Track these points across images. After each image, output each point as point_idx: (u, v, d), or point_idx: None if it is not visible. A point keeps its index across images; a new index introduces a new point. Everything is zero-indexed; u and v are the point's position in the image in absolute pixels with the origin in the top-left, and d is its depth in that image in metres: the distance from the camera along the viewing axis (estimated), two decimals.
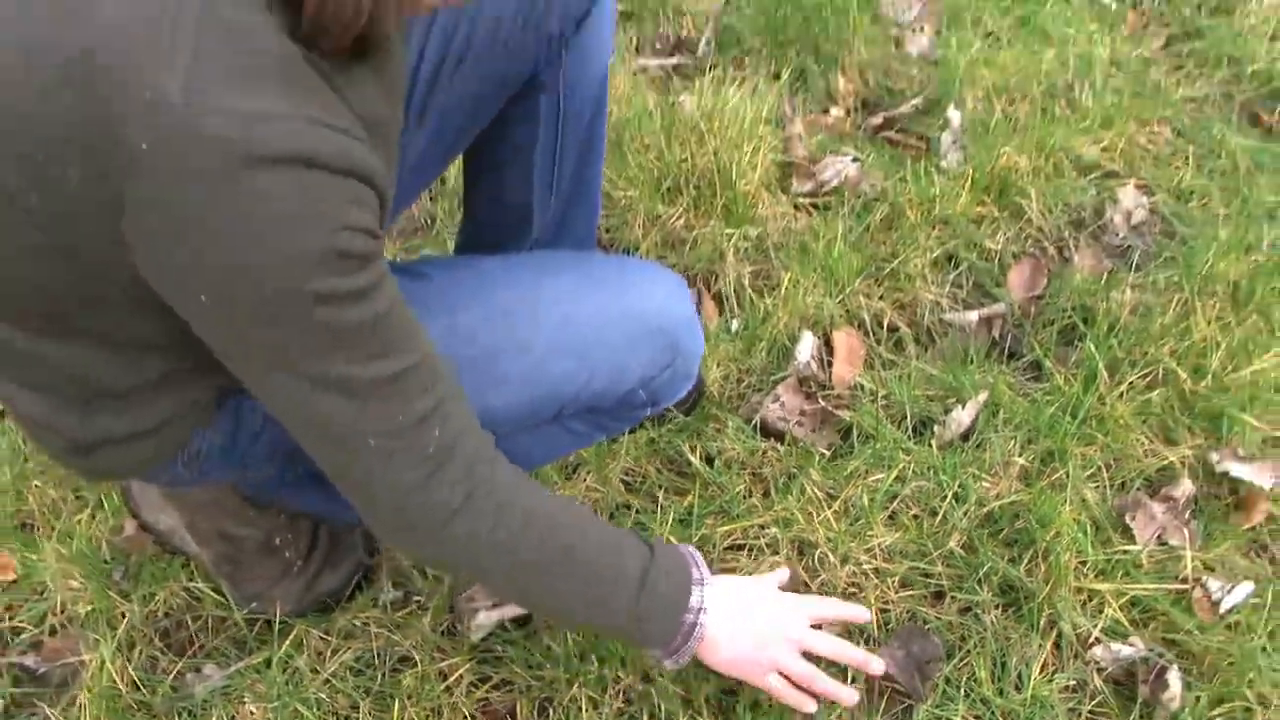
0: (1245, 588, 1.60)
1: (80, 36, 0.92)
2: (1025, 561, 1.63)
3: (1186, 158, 2.35)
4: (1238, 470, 1.73)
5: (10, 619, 1.68)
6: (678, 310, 1.46)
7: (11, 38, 0.96)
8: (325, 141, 0.94)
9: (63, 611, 1.66)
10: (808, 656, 1.40)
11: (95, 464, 1.32)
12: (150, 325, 1.11)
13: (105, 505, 1.76)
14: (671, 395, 1.52)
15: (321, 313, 0.99)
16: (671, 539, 1.68)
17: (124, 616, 1.64)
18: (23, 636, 1.66)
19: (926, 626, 1.60)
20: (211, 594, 1.66)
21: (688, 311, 1.47)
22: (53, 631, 1.66)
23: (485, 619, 1.60)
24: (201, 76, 0.90)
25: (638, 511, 1.74)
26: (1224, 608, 1.59)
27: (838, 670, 1.45)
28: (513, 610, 1.60)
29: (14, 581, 1.70)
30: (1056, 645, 1.58)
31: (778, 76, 2.56)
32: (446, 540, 1.18)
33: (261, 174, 0.91)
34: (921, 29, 2.73)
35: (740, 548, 1.69)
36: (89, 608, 1.65)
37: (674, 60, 2.69)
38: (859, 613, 1.45)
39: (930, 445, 1.81)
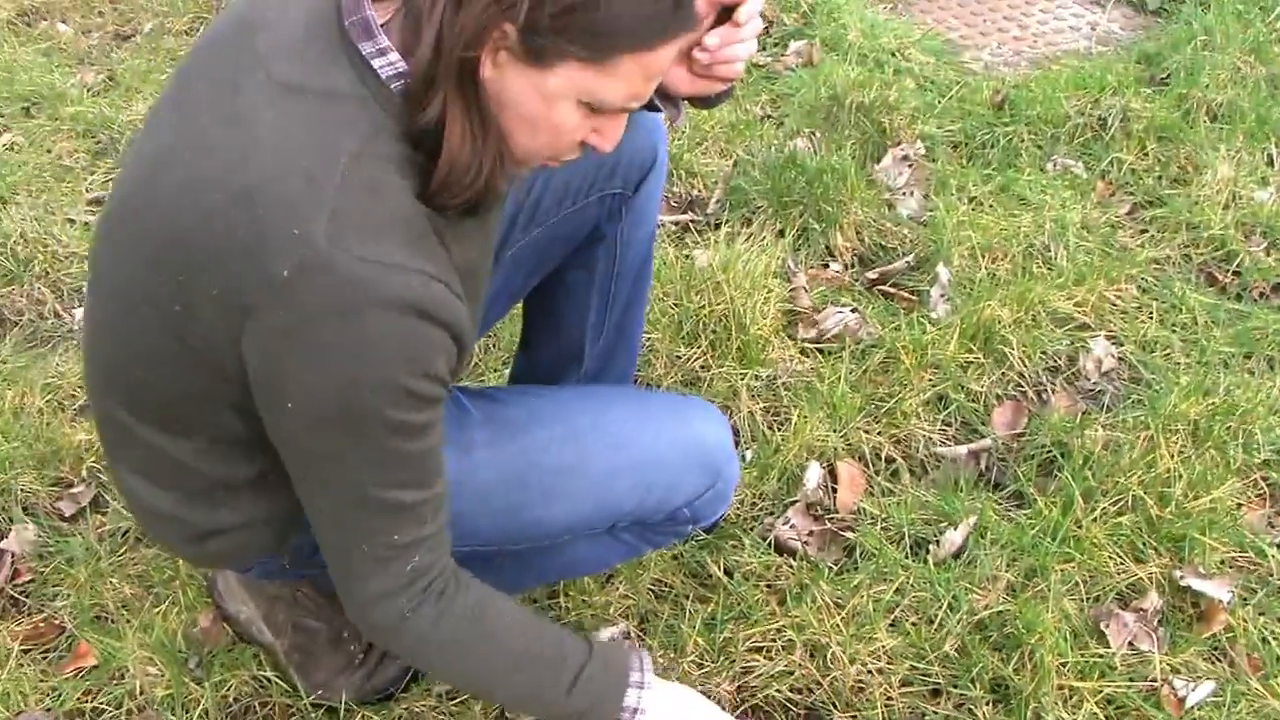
0: (1207, 686, 1.80)
1: (243, 179, 1.17)
2: (1013, 663, 1.83)
3: (1151, 313, 2.60)
4: (1199, 585, 1.94)
5: (91, 701, 1.85)
6: (721, 442, 1.68)
7: (183, 173, 1.21)
8: (435, 295, 1.19)
9: (141, 694, 1.84)
10: None
11: (205, 551, 1.54)
12: (253, 427, 1.34)
13: (180, 600, 1.95)
14: (710, 514, 1.73)
15: (385, 437, 1.23)
16: (699, 640, 1.88)
17: (198, 702, 1.82)
18: (104, 718, 1.84)
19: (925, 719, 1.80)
20: (279, 683, 1.84)
21: (729, 444, 1.70)
22: (130, 714, 1.84)
23: None
24: (341, 224, 1.14)
25: (667, 618, 1.94)
26: (1189, 704, 1.79)
27: None
28: None
29: (94, 668, 1.88)
30: None
31: (782, 234, 2.83)
32: (397, 637, 1.40)
33: (379, 314, 1.16)
34: (912, 194, 3.01)
35: (759, 649, 1.89)
36: (165, 692, 1.83)
37: (688, 217, 2.95)
38: None
39: (926, 562, 2.02)
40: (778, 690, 1.84)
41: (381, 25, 1.21)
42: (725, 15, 1.52)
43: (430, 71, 1.16)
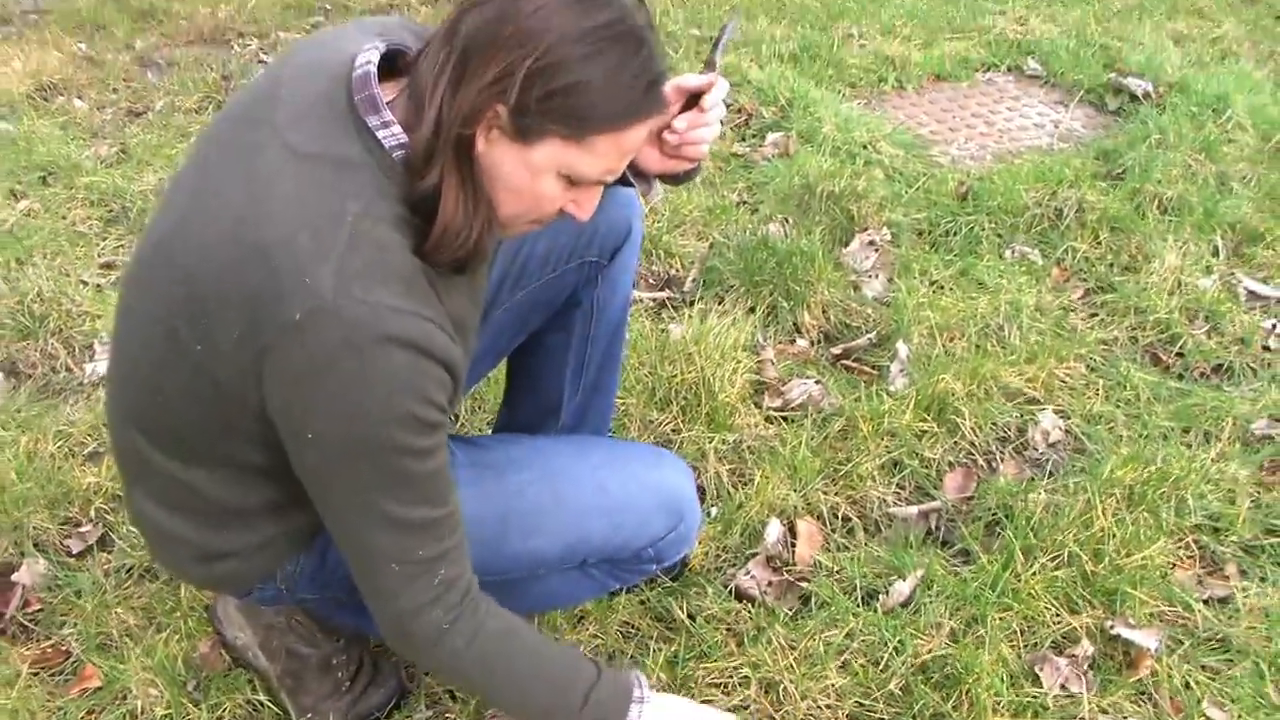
0: None
1: (260, 235, 1.35)
2: (952, 700, 1.97)
3: (1097, 389, 2.78)
4: (1129, 634, 2.09)
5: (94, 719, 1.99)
6: (685, 489, 1.86)
7: (205, 228, 1.40)
8: (429, 335, 1.36)
9: (142, 714, 1.97)
10: None
11: (212, 573, 1.69)
12: (267, 456, 1.50)
13: (182, 629, 2.09)
14: (673, 554, 1.89)
15: (396, 460, 1.39)
16: (661, 675, 2.02)
17: None
18: None
19: None
20: (271, 705, 1.98)
21: (692, 491, 1.87)
22: None
23: None
24: (346, 273, 1.32)
25: (632, 656, 2.08)
26: None
27: None
28: None
29: (98, 689, 2.02)
30: None
31: (753, 310, 3.01)
32: (434, 651, 1.54)
33: (382, 350, 1.33)
34: (877, 276, 3.20)
35: (718, 685, 2.02)
36: (165, 712, 1.96)
37: (665, 294, 3.13)
38: None
39: (876, 610, 2.16)
40: None
41: (387, 102, 1.39)
42: (693, 102, 1.72)
43: (430, 145, 1.35)
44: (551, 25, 1.30)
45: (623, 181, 1.76)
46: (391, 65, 1.45)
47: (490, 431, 2.33)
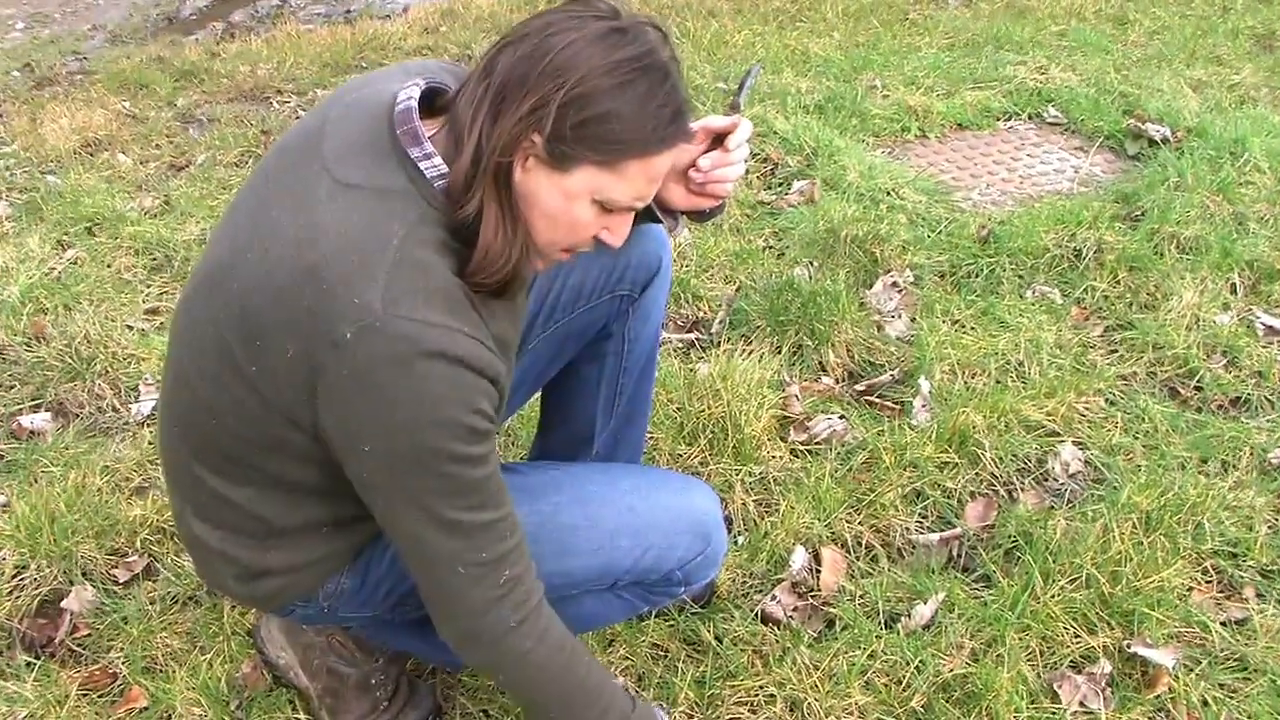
0: None
1: (311, 258, 1.44)
2: (973, 717, 2.03)
3: (1116, 422, 2.83)
4: (1146, 653, 2.14)
5: None
6: (713, 514, 1.91)
7: (258, 256, 1.49)
8: (473, 349, 1.44)
9: None
10: None
11: (254, 590, 1.76)
12: (316, 474, 1.58)
13: (225, 651, 2.16)
14: (701, 577, 1.94)
15: (451, 467, 1.47)
16: (689, 694, 2.08)
17: None
18: None
19: None
20: None
21: (719, 515, 1.93)
22: None
23: None
24: (393, 293, 1.41)
25: (661, 677, 2.14)
26: None
27: None
28: None
29: (144, 709, 2.09)
30: None
31: (779, 350, 3.08)
32: (500, 650, 1.61)
33: (429, 364, 1.41)
34: (900, 316, 3.27)
35: (745, 704, 2.09)
36: None
37: (693, 335, 3.21)
38: None
39: (898, 632, 2.22)
40: None
41: (430, 136, 1.49)
42: (718, 142, 1.81)
43: (470, 174, 1.45)
44: (582, 59, 1.40)
45: (650, 218, 1.85)
46: (430, 103, 1.55)
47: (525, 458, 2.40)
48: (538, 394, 2.25)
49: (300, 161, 1.53)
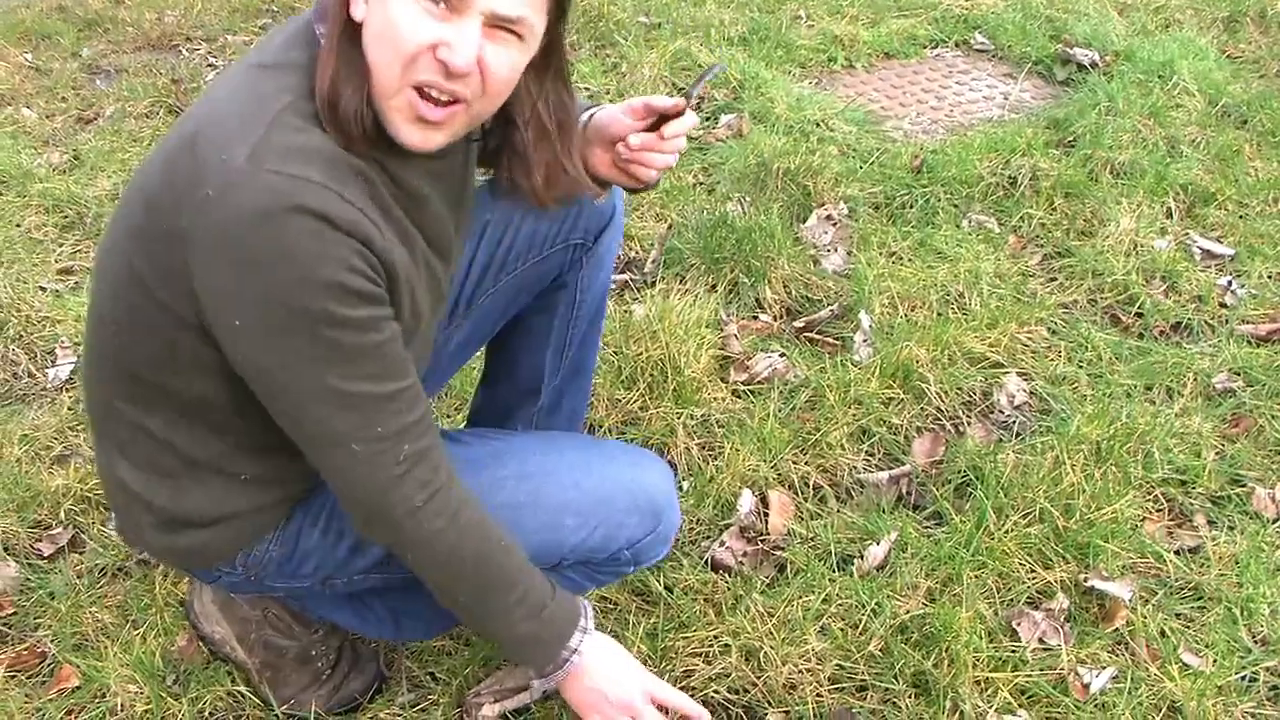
0: (1109, 672, 1.97)
1: (192, 127, 1.38)
2: (932, 658, 1.98)
3: (1059, 352, 2.80)
4: (1102, 586, 2.11)
5: (75, 719, 1.97)
6: (665, 489, 1.83)
7: (163, 142, 1.44)
8: (343, 210, 1.34)
9: (122, 711, 1.95)
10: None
11: (174, 543, 1.67)
12: (216, 389, 1.49)
13: (158, 624, 2.07)
14: (651, 557, 1.87)
15: (330, 331, 1.37)
16: (641, 647, 2.02)
17: (176, 716, 1.94)
18: None
19: (854, 711, 1.95)
20: (252, 697, 1.97)
21: (672, 492, 1.85)
22: None
23: (490, 712, 1.91)
24: (263, 150, 1.32)
25: (612, 630, 2.08)
26: (1093, 689, 1.95)
27: None
28: (514, 703, 1.91)
29: (76, 688, 2.00)
30: None
31: (714, 288, 3.01)
32: (406, 531, 1.52)
33: (294, 218, 1.31)
34: (836, 250, 3.21)
35: (699, 655, 2.03)
36: (146, 707, 1.95)
37: (625, 276, 3.13)
38: (701, 713, 1.77)
39: (852, 574, 2.17)
40: (716, 691, 1.98)
41: None
42: (658, 124, 1.72)
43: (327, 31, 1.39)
44: None
45: (578, 187, 1.77)
46: None
47: (467, 412, 2.31)
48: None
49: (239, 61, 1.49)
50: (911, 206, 3.41)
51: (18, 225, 3.35)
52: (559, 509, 1.73)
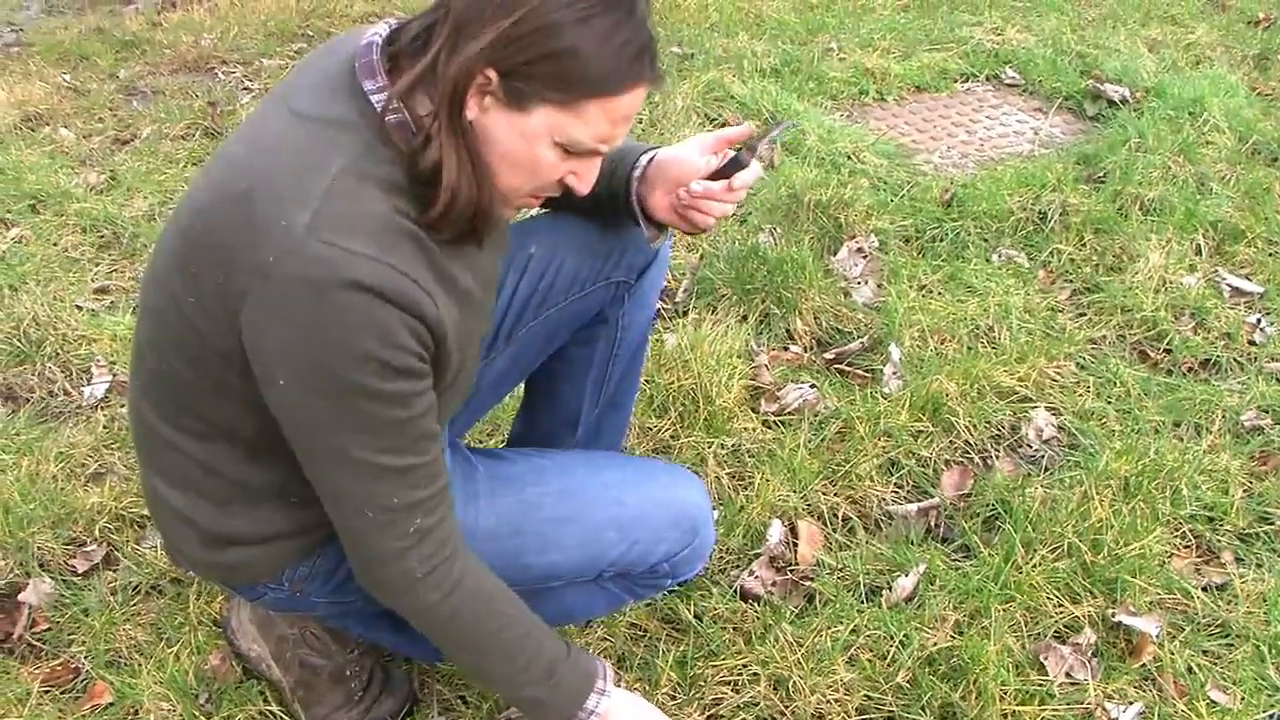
0: (1136, 708, 1.98)
1: (247, 183, 1.40)
2: (960, 690, 2.00)
3: (1088, 386, 2.81)
4: (1130, 621, 2.12)
5: None
6: (701, 506, 1.87)
7: (202, 189, 1.47)
8: (396, 282, 1.36)
9: None
10: None
11: (219, 559, 1.70)
12: (257, 422, 1.51)
13: (192, 642, 2.10)
14: (687, 571, 1.90)
15: (363, 403, 1.40)
16: (671, 675, 2.04)
17: None
18: None
19: None
20: (283, 715, 1.99)
21: (707, 509, 1.89)
22: None
23: None
24: (320, 220, 1.35)
25: (642, 658, 2.10)
26: None
27: None
28: None
29: (109, 705, 2.02)
30: None
31: (745, 319, 3.04)
32: (407, 600, 1.56)
33: (345, 293, 1.34)
34: (866, 282, 3.23)
35: (728, 683, 2.04)
36: None
37: (657, 305, 3.15)
38: None
39: (880, 605, 2.19)
40: (744, 719, 2.00)
41: (386, 71, 1.43)
42: (729, 172, 1.74)
43: (425, 111, 1.39)
44: None
45: (631, 218, 1.81)
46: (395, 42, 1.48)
47: (505, 443, 2.34)
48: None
49: (270, 101, 1.50)
50: (942, 240, 3.43)
51: (55, 244, 3.40)
52: (601, 524, 1.77)
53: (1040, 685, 2.02)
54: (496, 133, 1.40)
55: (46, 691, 2.05)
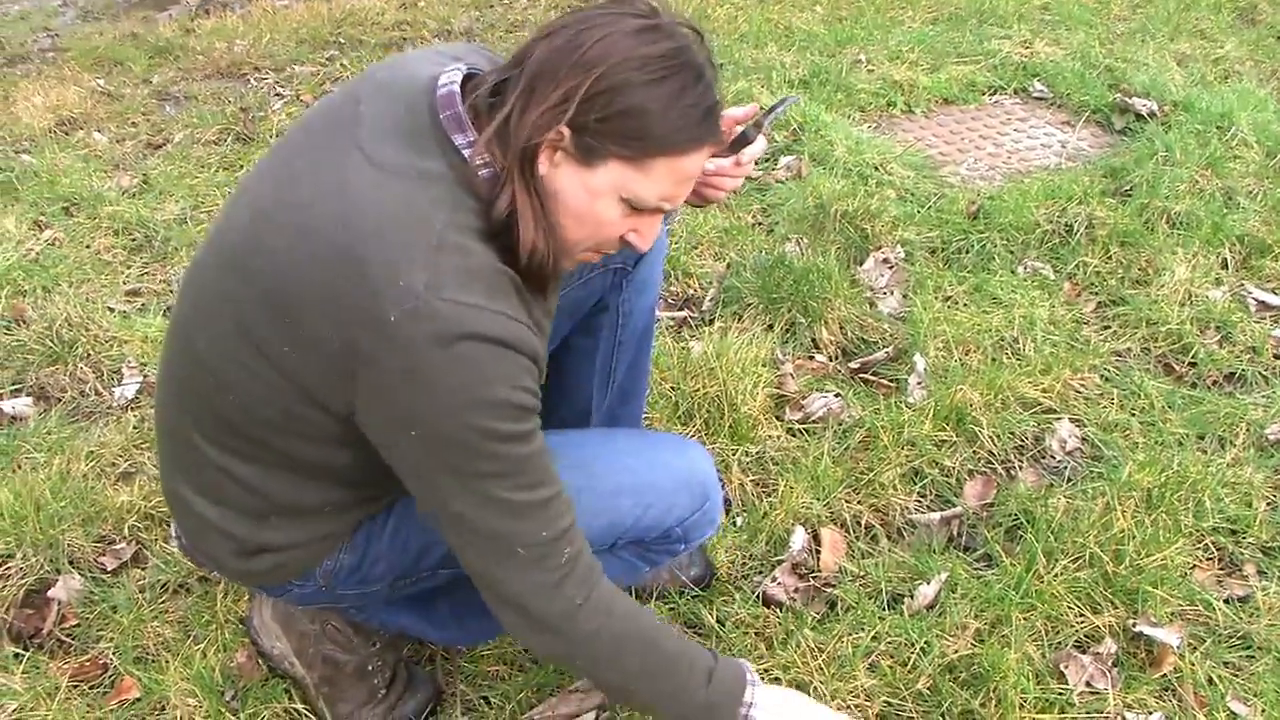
0: (1156, 718, 1.98)
1: (350, 239, 1.42)
2: (980, 698, 2.00)
3: (1112, 399, 2.81)
4: (1151, 632, 2.12)
5: None
6: (709, 471, 1.91)
7: (290, 233, 1.46)
8: (514, 330, 1.43)
9: None
10: None
11: (250, 566, 1.73)
12: (326, 453, 1.56)
13: (218, 640, 2.13)
14: (699, 535, 1.93)
15: (499, 446, 1.45)
16: None
17: None
18: None
19: None
20: (307, 713, 2.01)
21: (714, 473, 1.92)
22: None
23: None
24: (436, 277, 1.39)
25: None
26: None
27: None
28: None
29: (136, 700, 2.05)
30: None
31: (771, 328, 3.06)
32: (573, 632, 1.57)
33: (472, 345, 1.40)
34: (892, 293, 3.24)
35: None
36: None
37: (684, 314, 3.18)
38: None
39: (901, 613, 2.20)
40: None
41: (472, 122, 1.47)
42: (735, 147, 1.78)
43: (499, 165, 1.44)
44: (615, 52, 1.39)
45: None
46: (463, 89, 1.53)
47: None
48: None
49: (331, 140, 1.51)
50: (968, 252, 3.44)
51: (88, 246, 3.45)
52: (614, 492, 1.80)
53: (1060, 694, 2.03)
54: (565, 187, 1.46)
55: (75, 686, 2.08)
